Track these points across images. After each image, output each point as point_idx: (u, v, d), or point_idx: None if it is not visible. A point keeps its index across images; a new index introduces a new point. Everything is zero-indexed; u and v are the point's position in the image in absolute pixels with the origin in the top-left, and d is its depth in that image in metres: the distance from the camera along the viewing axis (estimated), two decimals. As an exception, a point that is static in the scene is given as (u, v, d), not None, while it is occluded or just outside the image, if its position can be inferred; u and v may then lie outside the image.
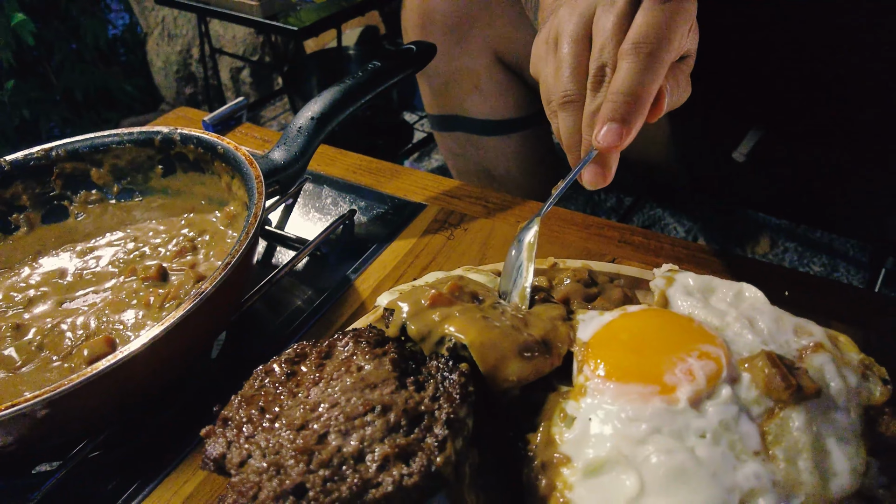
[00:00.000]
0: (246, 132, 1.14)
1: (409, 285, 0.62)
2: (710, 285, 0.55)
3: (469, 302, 0.53)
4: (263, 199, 0.74)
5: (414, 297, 0.53)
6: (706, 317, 0.51)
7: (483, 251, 0.81)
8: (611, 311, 0.53)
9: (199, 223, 0.88)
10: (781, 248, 2.36)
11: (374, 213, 0.92)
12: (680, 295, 0.54)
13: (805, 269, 2.26)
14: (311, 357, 0.48)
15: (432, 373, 0.46)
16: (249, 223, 0.69)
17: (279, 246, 0.90)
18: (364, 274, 0.79)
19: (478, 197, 0.91)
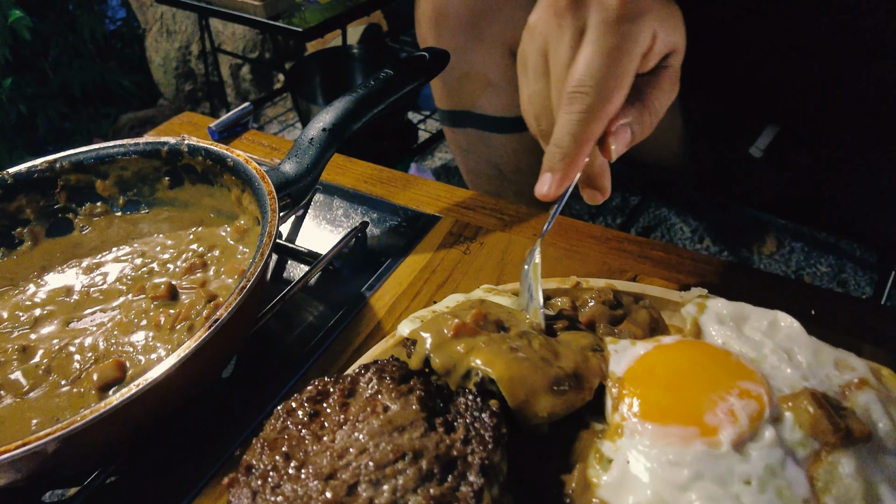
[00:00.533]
0: (252, 139, 1.12)
1: (430, 310, 0.60)
2: (743, 313, 0.54)
3: (494, 331, 0.51)
4: (277, 216, 0.72)
5: (436, 326, 0.51)
6: (741, 347, 0.50)
7: (501, 267, 0.79)
8: (643, 341, 0.51)
9: (208, 237, 0.86)
10: (788, 248, 2.34)
11: (387, 225, 0.90)
12: (713, 323, 0.53)
13: (811, 270, 2.25)
14: (335, 395, 0.47)
15: (461, 411, 0.45)
16: (263, 244, 0.67)
17: (290, 259, 0.88)
18: (379, 291, 0.77)
19: (492, 208, 0.89)
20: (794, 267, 2.28)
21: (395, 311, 0.74)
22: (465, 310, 0.56)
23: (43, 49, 3.25)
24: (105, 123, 3.46)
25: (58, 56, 3.32)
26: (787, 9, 0.88)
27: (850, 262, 2.25)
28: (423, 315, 0.59)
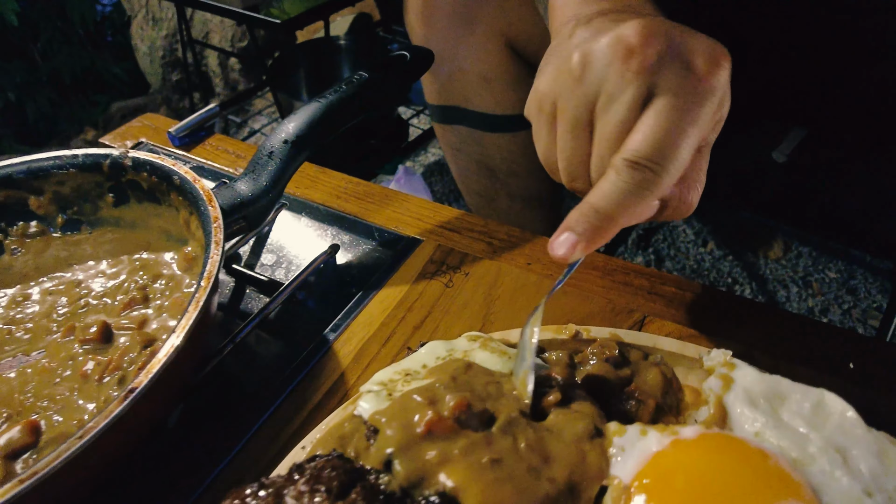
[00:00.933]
0: (217, 144, 1.01)
1: (401, 370, 0.50)
2: (779, 390, 0.43)
3: (477, 428, 0.41)
4: (222, 248, 0.61)
5: (405, 416, 0.41)
6: (780, 442, 0.39)
7: (488, 304, 0.68)
8: (656, 430, 0.41)
9: (153, 266, 0.75)
10: (795, 252, 2.24)
11: (361, 249, 0.79)
12: (742, 405, 0.42)
13: (820, 276, 2.15)
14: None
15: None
16: (201, 287, 0.57)
17: (249, 287, 0.77)
18: (346, 333, 0.67)
19: (481, 231, 0.79)
20: (801, 272, 2.18)
21: (363, 358, 0.64)
22: (446, 380, 0.46)
23: (31, 35, 3.12)
24: (95, 112, 3.34)
25: (47, 42, 3.20)
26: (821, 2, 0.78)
27: (860, 269, 2.16)
28: (390, 379, 0.49)
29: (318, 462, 0.40)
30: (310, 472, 0.39)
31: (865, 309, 2.03)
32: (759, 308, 0.66)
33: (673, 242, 2.34)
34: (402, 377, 0.47)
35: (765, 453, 0.38)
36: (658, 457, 0.38)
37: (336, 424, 0.50)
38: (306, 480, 0.38)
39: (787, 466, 0.37)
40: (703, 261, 2.24)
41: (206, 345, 0.65)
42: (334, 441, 0.48)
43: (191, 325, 0.54)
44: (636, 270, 0.71)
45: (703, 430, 0.40)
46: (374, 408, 0.44)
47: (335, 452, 0.41)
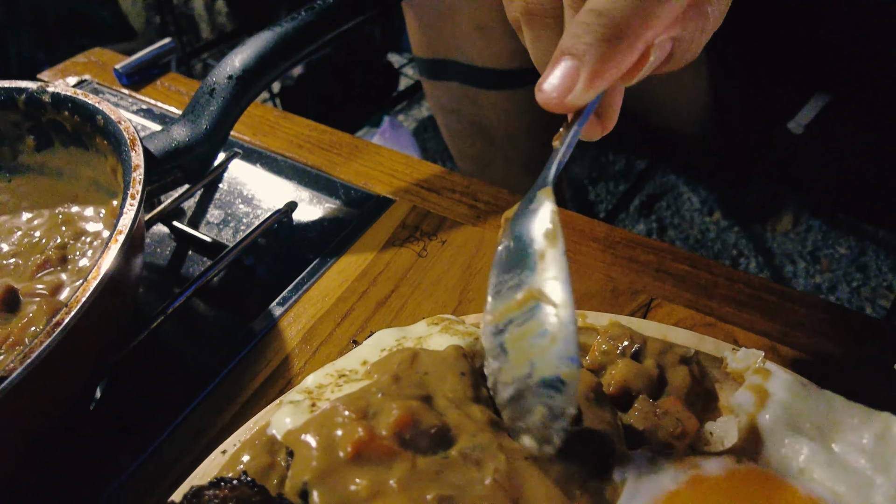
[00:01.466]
0: (169, 84, 0.88)
1: (333, 371, 0.40)
2: (831, 412, 0.33)
3: (428, 450, 0.31)
4: (139, 202, 0.50)
5: (326, 433, 0.31)
6: (833, 484, 0.29)
7: (466, 279, 0.58)
8: (670, 465, 0.31)
9: (76, 221, 0.64)
10: (805, 226, 2.13)
11: (322, 208, 0.68)
12: (781, 428, 0.32)
13: (829, 252, 2.05)
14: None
15: None
16: (107, 248, 0.46)
17: (192, 250, 0.66)
18: (295, 309, 0.56)
19: (463, 192, 0.68)
20: (809, 247, 2.07)
21: (313, 340, 0.53)
22: (385, 382, 0.35)
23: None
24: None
25: (28, -20, 3.00)
26: None
27: (871, 245, 2.05)
28: (318, 384, 0.38)
29: (221, 491, 0.30)
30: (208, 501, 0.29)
31: (875, 287, 1.93)
32: (786, 295, 0.55)
33: (677, 210, 2.23)
34: (334, 380, 0.37)
35: (814, 502, 0.28)
36: (673, 499, 0.29)
37: (262, 429, 0.40)
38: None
39: (845, 523, 0.27)
40: (707, 231, 2.14)
41: (125, 314, 0.54)
42: (259, 453, 0.38)
43: (90, 294, 0.43)
44: (643, 244, 0.61)
45: (732, 465, 0.30)
46: (292, 424, 0.34)
47: (245, 477, 0.31)
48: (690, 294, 0.56)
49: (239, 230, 0.67)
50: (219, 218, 0.69)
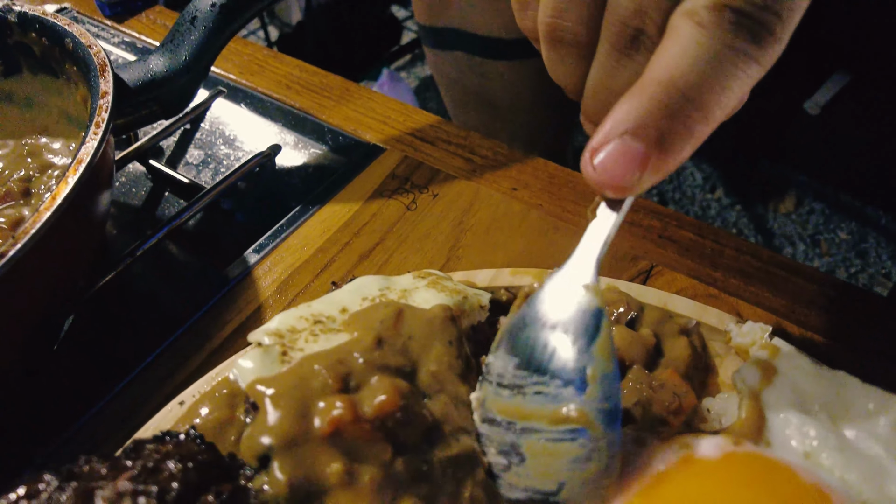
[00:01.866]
0: (155, 18, 0.83)
1: (309, 314, 0.36)
2: (844, 394, 0.30)
3: (407, 448, 0.28)
4: (104, 133, 0.46)
5: (302, 395, 0.28)
6: (843, 472, 0.27)
7: (457, 235, 0.54)
8: (660, 444, 0.28)
9: (44, 153, 0.60)
10: (807, 208, 2.10)
11: (307, 153, 0.64)
12: (788, 410, 0.29)
13: (830, 236, 2.02)
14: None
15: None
16: (63, 179, 0.42)
17: (169, 191, 0.62)
18: (272, 257, 0.53)
19: (459, 144, 0.64)
20: (810, 230, 2.04)
21: (288, 290, 0.50)
22: (368, 342, 0.32)
23: None
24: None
25: None
26: None
27: (873, 231, 2.02)
28: (291, 327, 0.35)
29: (165, 446, 0.27)
30: (145, 462, 0.26)
31: (873, 275, 1.91)
32: (796, 270, 0.52)
33: (679, 185, 2.18)
34: (309, 326, 0.34)
35: (822, 493, 0.25)
36: (660, 481, 0.26)
37: (225, 381, 0.37)
38: (136, 475, 0.25)
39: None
40: (709, 208, 2.10)
41: (88, 251, 0.51)
42: (218, 406, 0.35)
43: (40, 226, 0.40)
44: (647, 208, 0.57)
45: (729, 447, 0.27)
46: (259, 372, 0.30)
47: (193, 433, 0.28)
48: (694, 263, 0.52)
49: (219, 172, 0.63)
50: (198, 159, 0.65)
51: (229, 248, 0.55)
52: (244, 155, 0.63)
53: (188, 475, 0.25)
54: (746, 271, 0.52)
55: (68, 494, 0.24)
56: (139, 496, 0.24)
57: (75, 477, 0.26)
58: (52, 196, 0.42)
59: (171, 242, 0.57)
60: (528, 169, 0.61)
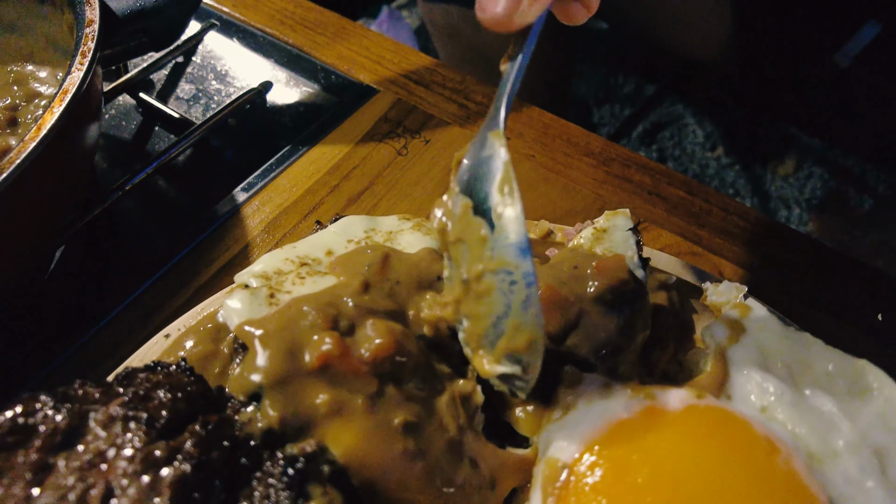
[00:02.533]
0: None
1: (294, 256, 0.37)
2: (806, 354, 0.31)
3: (397, 381, 0.28)
4: (90, 63, 0.45)
5: (290, 336, 0.28)
6: (795, 426, 0.28)
7: (446, 183, 0.54)
8: (625, 392, 0.29)
9: (30, 81, 0.58)
10: (806, 171, 2.08)
11: (299, 91, 0.63)
12: (751, 366, 0.30)
13: (827, 200, 2.02)
14: (37, 439, 0.25)
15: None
16: (49, 109, 0.41)
17: (159, 125, 0.62)
18: (261, 196, 0.53)
19: (455, 89, 0.63)
20: (807, 195, 2.04)
21: (276, 231, 0.50)
22: (354, 286, 0.33)
23: None
24: None
25: None
26: None
27: (869, 199, 2.02)
28: (277, 270, 0.36)
29: (155, 375, 0.28)
30: (136, 390, 0.27)
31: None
32: (780, 233, 0.52)
33: (679, 142, 2.16)
34: (295, 268, 0.34)
35: (773, 444, 0.26)
36: (621, 428, 0.27)
37: (210, 316, 0.38)
38: (127, 401, 0.26)
39: (800, 467, 0.26)
40: (707, 166, 2.09)
41: (77, 183, 0.50)
42: (203, 340, 0.36)
43: (22, 159, 0.39)
44: (639, 163, 0.57)
45: (691, 400, 0.28)
46: (248, 313, 0.31)
47: (183, 364, 0.29)
48: (681, 220, 0.53)
49: (209, 108, 0.62)
50: (189, 93, 0.64)
51: (218, 186, 0.55)
52: (235, 91, 0.62)
53: (177, 404, 0.26)
54: (732, 232, 0.52)
55: (63, 415, 0.25)
56: (130, 421, 0.25)
57: (70, 399, 0.26)
58: (38, 126, 0.41)
59: (160, 178, 0.57)
60: (522, 118, 0.61)
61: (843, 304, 0.47)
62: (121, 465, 0.23)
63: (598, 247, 0.37)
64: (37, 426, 0.25)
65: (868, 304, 0.47)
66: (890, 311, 0.47)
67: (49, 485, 0.23)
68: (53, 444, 0.24)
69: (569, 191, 0.54)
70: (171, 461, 0.23)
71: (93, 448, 0.24)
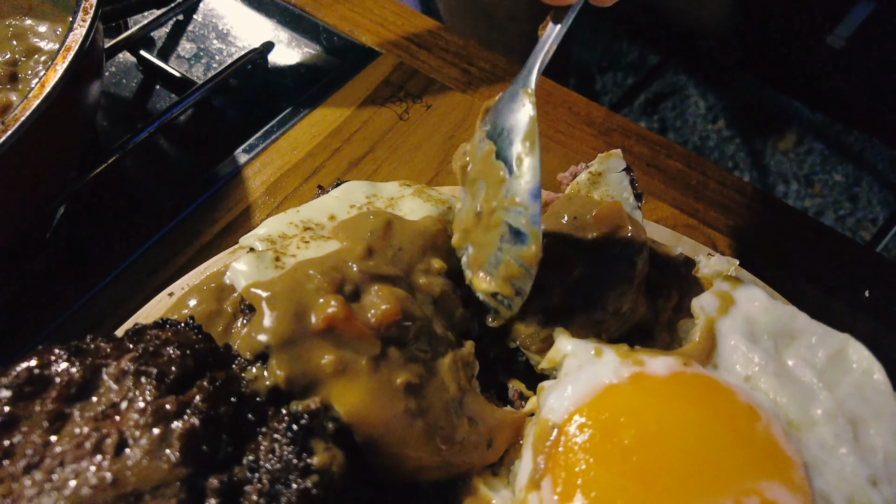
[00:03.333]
0: None
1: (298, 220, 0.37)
2: (791, 327, 0.32)
3: (400, 344, 0.29)
4: (93, 19, 0.45)
5: (297, 299, 0.29)
6: (776, 395, 0.29)
7: (448, 149, 0.55)
8: (616, 355, 0.30)
9: (29, 36, 0.58)
10: (806, 147, 2.07)
11: (301, 53, 0.62)
12: (738, 336, 0.32)
13: (825, 177, 2.02)
14: (53, 390, 0.26)
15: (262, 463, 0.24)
16: (51, 67, 0.41)
17: (159, 84, 0.61)
18: (262, 158, 0.53)
19: (458, 53, 0.62)
20: (806, 170, 2.04)
21: (277, 193, 0.51)
22: (358, 251, 0.33)
23: None
24: None
25: None
26: None
27: (868, 176, 2.02)
28: (282, 234, 0.36)
29: (164, 332, 0.29)
30: (146, 346, 0.28)
31: (860, 219, 1.93)
32: (776, 207, 0.53)
33: (681, 113, 2.14)
34: (299, 232, 0.35)
35: (753, 412, 0.28)
36: (610, 393, 0.28)
37: (213, 275, 0.39)
38: (137, 356, 0.27)
39: (779, 433, 0.27)
40: (708, 138, 2.08)
41: (78, 141, 0.51)
42: (207, 298, 0.37)
43: (27, 117, 0.39)
44: (639, 134, 0.57)
45: (678, 367, 0.29)
46: (255, 276, 0.32)
47: (191, 321, 0.30)
48: (678, 193, 0.53)
49: (211, 68, 0.62)
50: (190, 52, 0.63)
51: (219, 147, 0.55)
52: (237, 51, 0.62)
53: (186, 361, 0.27)
54: (728, 205, 0.53)
55: (77, 367, 0.26)
56: (141, 376, 0.26)
57: (83, 353, 0.27)
58: (41, 83, 0.41)
59: (162, 137, 0.57)
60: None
61: (833, 278, 0.48)
62: (133, 416, 0.25)
63: (595, 191, 0.38)
64: (52, 377, 0.26)
65: (857, 280, 0.48)
66: (876, 287, 0.48)
67: (66, 433, 0.24)
68: (69, 394, 0.25)
69: (568, 160, 0.55)
70: (181, 415, 0.25)
71: (106, 400, 0.25)
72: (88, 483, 0.23)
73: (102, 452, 0.23)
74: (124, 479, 0.22)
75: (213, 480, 0.23)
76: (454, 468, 0.28)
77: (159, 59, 0.61)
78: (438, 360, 0.30)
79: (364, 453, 0.27)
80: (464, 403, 0.29)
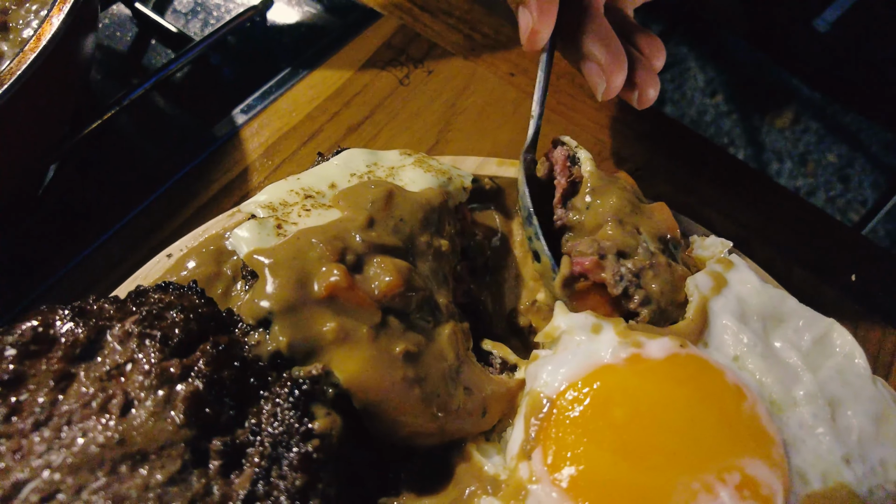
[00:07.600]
0: None
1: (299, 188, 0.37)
2: (780, 310, 0.33)
3: (399, 314, 0.30)
4: (87, -35, 0.43)
5: (300, 266, 0.30)
6: (762, 375, 0.30)
7: (448, 117, 0.54)
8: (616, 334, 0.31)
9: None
10: (803, 126, 2.07)
11: (301, 12, 0.61)
12: (729, 316, 0.33)
13: (818, 157, 2.02)
14: (59, 349, 0.26)
15: (265, 425, 0.25)
16: (47, 19, 0.40)
17: (155, 39, 0.60)
18: (260, 119, 0.52)
19: (461, 18, 0.61)
20: (801, 149, 2.04)
21: (275, 155, 0.50)
22: (360, 220, 0.33)
23: None
24: None
25: None
26: None
27: (861, 157, 2.03)
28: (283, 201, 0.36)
29: (167, 296, 0.29)
30: (149, 308, 0.28)
31: (850, 200, 1.95)
32: (772, 189, 0.54)
33: (680, 86, 2.13)
34: (300, 200, 0.35)
35: (740, 393, 0.29)
36: (605, 372, 0.29)
37: (212, 238, 0.39)
38: (141, 319, 0.27)
39: (763, 413, 0.28)
40: (705, 112, 2.07)
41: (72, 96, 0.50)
42: (206, 261, 0.37)
43: (23, 71, 0.39)
44: (640, 111, 0.57)
45: (674, 350, 0.30)
46: (257, 242, 0.32)
47: (194, 285, 0.30)
48: (676, 171, 0.54)
49: (208, 24, 0.60)
50: (187, 6, 0.61)
51: (216, 106, 0.54)
52: (235, 7, 0.60)
53: (189, 325, 0.27)
54: (725, 185, 0.53)
55: (81, 328, 0.26)
56: (145, 338, 0.26)
57: (86, 314, 0.28)
58: (37, 36, 0.40)
59: (157, 95, 0.56)
60: (529, 53, 0.60)
61: (822, 261, 0.49)
62: (138, 378, 0.25)
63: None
64: (57, 337, 0.26)
65: (845, 264, 0.49)
66: (863, 272, 0.49)
67: (72, 392, 0.25)
68: (73, 354, 0.26)
69: (569, 134, 0.55)
70: (185, 378, 0.25)
71: (111, 361, 0.26)
72: (96, 441, 0.23)
73: (109, 412, 0.24)
74: (131, 439, 0.23)
75: (216, 442, 0.24)
76: (449, 435, 0.29)
77: (155, 13, 0.59)
78: (438, 329, 0.31)
79: (362, 419, 0.28)
80: (460, 372, 0.29)
